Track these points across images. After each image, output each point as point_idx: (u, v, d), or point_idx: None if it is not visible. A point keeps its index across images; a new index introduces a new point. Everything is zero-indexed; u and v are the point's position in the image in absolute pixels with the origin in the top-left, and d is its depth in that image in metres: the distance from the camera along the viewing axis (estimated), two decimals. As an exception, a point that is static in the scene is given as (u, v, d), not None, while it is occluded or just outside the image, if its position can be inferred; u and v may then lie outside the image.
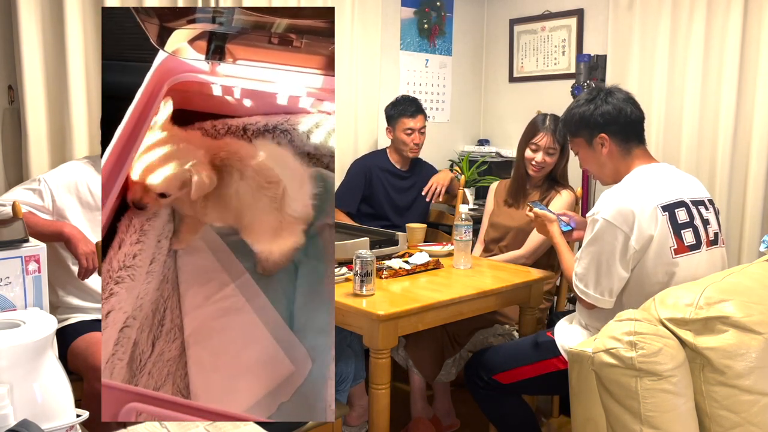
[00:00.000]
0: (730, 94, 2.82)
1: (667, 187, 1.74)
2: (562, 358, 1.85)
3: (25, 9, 2.26)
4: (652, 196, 1.69)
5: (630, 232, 1.65)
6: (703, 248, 1.72)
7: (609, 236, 1.67)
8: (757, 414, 1.33)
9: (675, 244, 1.67)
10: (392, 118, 3.00)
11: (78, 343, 1.94)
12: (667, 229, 1.66)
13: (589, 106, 1.83)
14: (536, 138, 2.44)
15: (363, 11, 3.26)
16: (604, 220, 1.68)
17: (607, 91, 1.85)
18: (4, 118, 2.39)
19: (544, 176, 2.52)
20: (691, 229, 1.71)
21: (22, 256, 1.12)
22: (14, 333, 0.96)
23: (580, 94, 1.95)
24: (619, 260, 1.67)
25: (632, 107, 1.82)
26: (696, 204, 1.75)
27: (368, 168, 3.04)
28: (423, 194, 3.01)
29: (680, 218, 1.70)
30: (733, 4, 2.78)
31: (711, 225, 1.77)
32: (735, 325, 1.35)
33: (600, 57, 3.31)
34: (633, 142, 1.82)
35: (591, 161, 1.88)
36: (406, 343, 2.37)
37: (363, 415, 2.43)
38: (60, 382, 0.99)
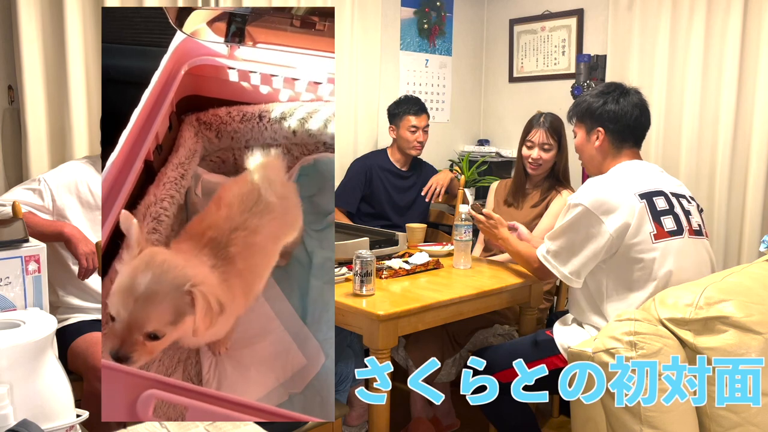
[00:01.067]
0: (730, 94, 2.82)
1: (647, 179, 1.79)
2: (561, 357, 1.86)
3: (25, 9, 2.26)
4: (631, 185, 1.75)
5: (606, 219, 1.71)
6: (686, 235, 1.75)
7: (585, 222, 1.74)
8: (757, 414, 1.33)
9: (654, 230, 1.71)
10: (396, 116, 3.00)
11: (78, 343, 1.94)
12: (646, 215, 1.71)
13: (599, 100, 1.88)
14: (531, 134, 2.47)
15: (363, 11, 3.26)
16: (583, 206, 1.74)
17: (623, 90, 1.89)
18: (4, 118, 2.39)
19: (545, 175, 2.52)
20: (671, 216, 1.75)
21: (22, 256, 1.12)
22: (14, 333, 0.96)
23: (599, 84, 1.97)
24: (592, 245, 1.74)
25: (639, 113, 1.86)
26: (676, 196, 1.80)
27: (368, 167, 3.04)
28: (423, 194, 3.02)
29: (659, 206, 1.74)
30: (733, 4, 2.78)
31: (693, 216, 1.80)
32: (735, 325, 1.35)
33: (600, 57, 3.31)
34: (627, 144, 1.88)
35: (584, 149, 1.96)
36: (406, 343, 2.37)
37: (363, 415, 2.43)
38: (60, 382, 0.99)
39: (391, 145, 3.10)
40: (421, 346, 2.33)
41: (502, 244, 2.14)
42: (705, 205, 2.94)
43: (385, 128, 3.52)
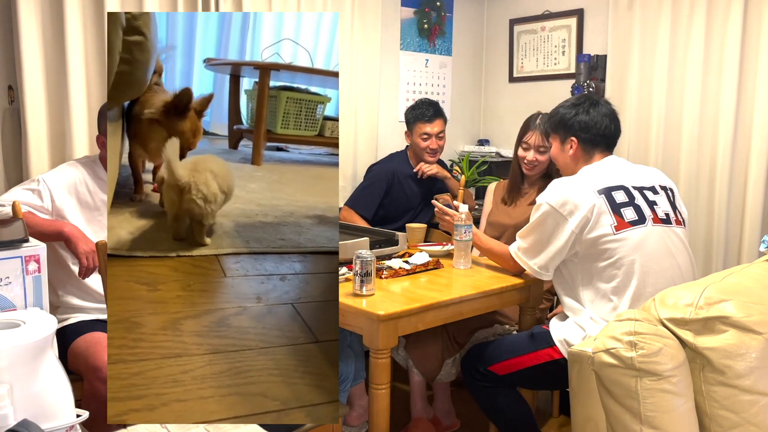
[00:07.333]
0: (730, 93, 2.82)
1: (607, 176, 1.92)
2: (556, 348, 1.92)
3: (25, 9, 2.26)
4: (591, 183, 1.88)
5: (569, 216, 1.85)
6: (649, 223, 1.86)
7: (551, 220, 1.88)
8: (757, 414, 1.33)
9: (615, 221, 1.83)
10: (409, 123, 2.95)
11: (78, 343, 1.94)
12: (605, 209, 1.84)
13: (571, 111, 2.02)
14: (527, 136, 2.48)
15: (363, 11, 3.26)
16: (548, 205, 1.88)
17: (594, 101, 2.03)
18: (4, 118, 2.39)
19: (541, 175, 2.52)
20: (632, 207, 1.87)
21: (22, 256, 1.12)
22: (14, 333, 0.96)
23: (571, 96, 2.17)
24: (557, 242, 1.88)
25: (609, 122, 2.00)
26: (638, 189, 1.91)
27: (392, 174, 2.96)
28: (415, 171, 2.97)
29: (618, 199, 1.86)
30: (733, 4, 2.78)
31: (659, 206, 1.91)
32: (735, 325, 1.35)
33: (600, 57, 3.31)
34: (598, 149, 2.01)
35: (558, 157, 2.09)
36: (406, 343, 2.37)
37: (363, 415, 2.43)
38: (60, 382, 0.99)
39: (409, 149, 3.05)
40: (421, 346, 2.33)
41: (475, 239, 2.21)
42: (705, 205, 2.94)
43: (385, 129, 3.53)
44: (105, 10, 2.39)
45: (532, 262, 1.96)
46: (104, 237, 2.04)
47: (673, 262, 1.86)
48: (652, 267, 1.82)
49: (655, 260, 1.83)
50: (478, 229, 2.26)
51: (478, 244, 2.22)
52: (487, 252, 2.21)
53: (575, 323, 1.90)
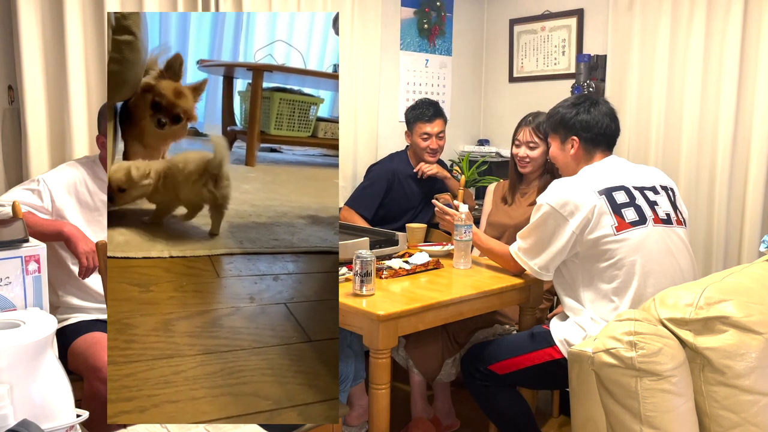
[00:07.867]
0: (730, 93, 2.82)
1: (608, 176, 1.92)
2: (556, 348, 1.92)
3: (25, 9, 2.26)
4: (591, 184, 1.89)
5: (570, 217, 1.85)
6: (650, 224, 1.86)
7: (552, 221, 1.88)
8: (757, 414, 1.33)
9: (616, 222, 1.84)
10: (409, 123, 2.94)
11: (78, 343, 1.93)
12: (606, 209, 1.84)
13: (572, 110, 2.03)
14: (518, 133, 2.50)
15: (363, 11, 3.26)
16: (549, 206, 1.88)
17: (594, 101, 2.04)
18: (4, 118, 2.39)
19: (539, 173, 2.52)
20: (633, 207, 1.87)
21: (22, 256, 1.12)
22: (14, 333, 0.96)
23: (570, 96, 2.17)
24: (557, 242, 1.88)
25: (609, 121, 2.01)
26: (639, 189, 1.92)
27: (392, 174, 2.96)
28: (415, 171, 2.97)
29: (619, 200, 1.87)
30: (733, 4, 2.78)
31: (660, 206, 1.91)
32: (735, 325, 1.35)
33: (600, 57, 3.31)
34: (599, 149, 2.02)
35: (558, 157, 2.09)
36: (406, 343, 2.37)
37: (363, 415, 2.43)
38: (60, 382, 0.99)
39: (410, 149, 3.05)
40: (421, 346, 2.33)
41: (475, 239, 2.21)
42: (705, 205, 2.94)
43: (385, 129, 3.53)
44: (105, 10, 2.39)
45: (532, 262, 1.96)
46: (104, 237, 2.04)
47: (674, 262, 1.86)
48: (653, 267, 1.82)
49: (656, 261, 1.83)
50: (478, 229, 2.26)
51: (478, 244, 2.22)
52: (487, 252, 2.21)
53: (576, 323, 1.90)
